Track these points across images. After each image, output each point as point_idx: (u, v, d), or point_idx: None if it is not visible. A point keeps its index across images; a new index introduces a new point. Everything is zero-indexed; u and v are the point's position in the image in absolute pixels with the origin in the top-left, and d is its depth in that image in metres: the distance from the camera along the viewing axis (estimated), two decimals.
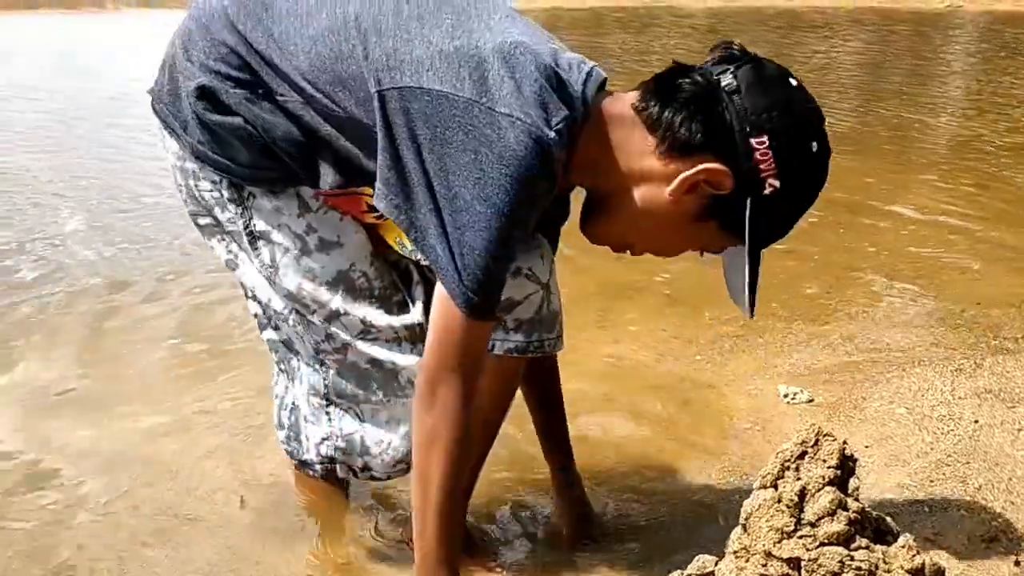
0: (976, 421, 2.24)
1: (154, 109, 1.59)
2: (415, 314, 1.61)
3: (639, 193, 1.42)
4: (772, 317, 2.89)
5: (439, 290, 1.41)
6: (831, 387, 2.47)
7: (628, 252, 1.53)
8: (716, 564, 1.31)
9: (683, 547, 1.79)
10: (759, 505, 1.27)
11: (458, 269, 1.37)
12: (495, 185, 1.32)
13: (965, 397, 2.37)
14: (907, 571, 1.24)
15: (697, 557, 1.34)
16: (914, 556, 1.25)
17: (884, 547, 1.27)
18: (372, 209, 1.52)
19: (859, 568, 1.23)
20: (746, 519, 1.28)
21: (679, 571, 1.34)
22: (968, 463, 2.06)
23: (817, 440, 1.28)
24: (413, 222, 1.39)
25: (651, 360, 2.62)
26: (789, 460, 1.28)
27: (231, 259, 1.64)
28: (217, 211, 1.59)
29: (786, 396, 2.41)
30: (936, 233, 3.72)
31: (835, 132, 5.16)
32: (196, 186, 1.58)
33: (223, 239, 1.63)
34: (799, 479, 1.27)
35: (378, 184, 1.40)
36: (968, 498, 1.93)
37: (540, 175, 1.34)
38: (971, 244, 3.59)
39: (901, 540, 1.28)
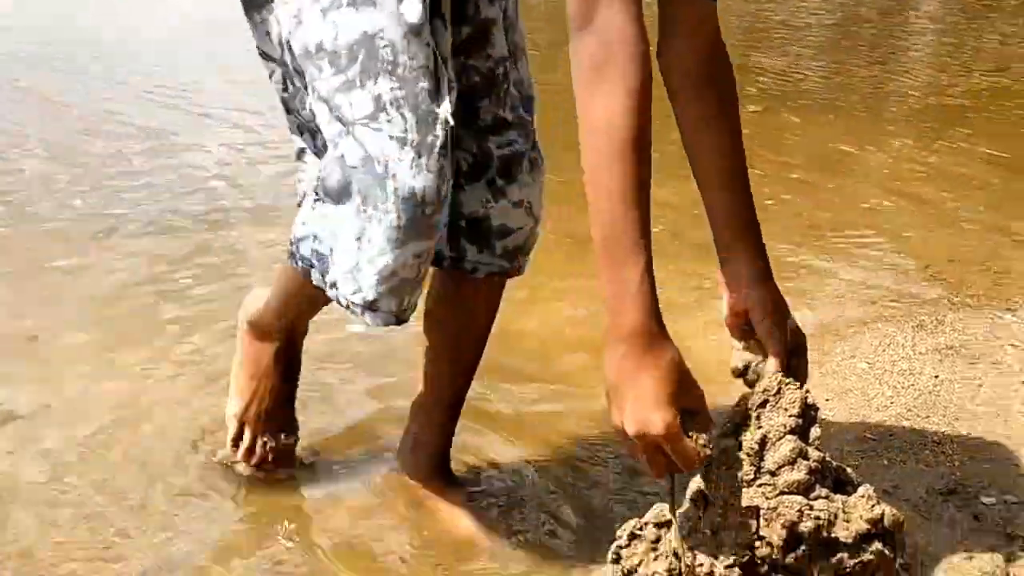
0: (936, 376, 2.25)
1: None
2: (441, 110, 1.42)
3: None
4: None
5: None
6: None
7: None
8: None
9: (641, 497, 1.79)
10: (720, 453, 1.26)
11: None
12: None
13: (926, 353, 2.37)
14: (866, 521, 1.23)
15: (655, 506, 1.32)
16: (873, 506, 1.25)
17: (844, 497, 1.26)
18: None
19: (818, 517, 1.22)
20: (706, 467, 1.27)
21: (636, 519, 1.32)
22: (928, 417, 2.06)
23: (779, 388, 1.26)
24: None
25: None
26: (751, 408, 1.27)
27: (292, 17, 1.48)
28: None
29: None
30: (905, 192, 3.72)
31: (807, 91, 5.15)
32: None
33: None
34: (760, 427, 1.25)
35: None
36: (927, 452, 1.94)
37: None
38: (940, 203, 3.58)
39: (860, 490, 1.27)
